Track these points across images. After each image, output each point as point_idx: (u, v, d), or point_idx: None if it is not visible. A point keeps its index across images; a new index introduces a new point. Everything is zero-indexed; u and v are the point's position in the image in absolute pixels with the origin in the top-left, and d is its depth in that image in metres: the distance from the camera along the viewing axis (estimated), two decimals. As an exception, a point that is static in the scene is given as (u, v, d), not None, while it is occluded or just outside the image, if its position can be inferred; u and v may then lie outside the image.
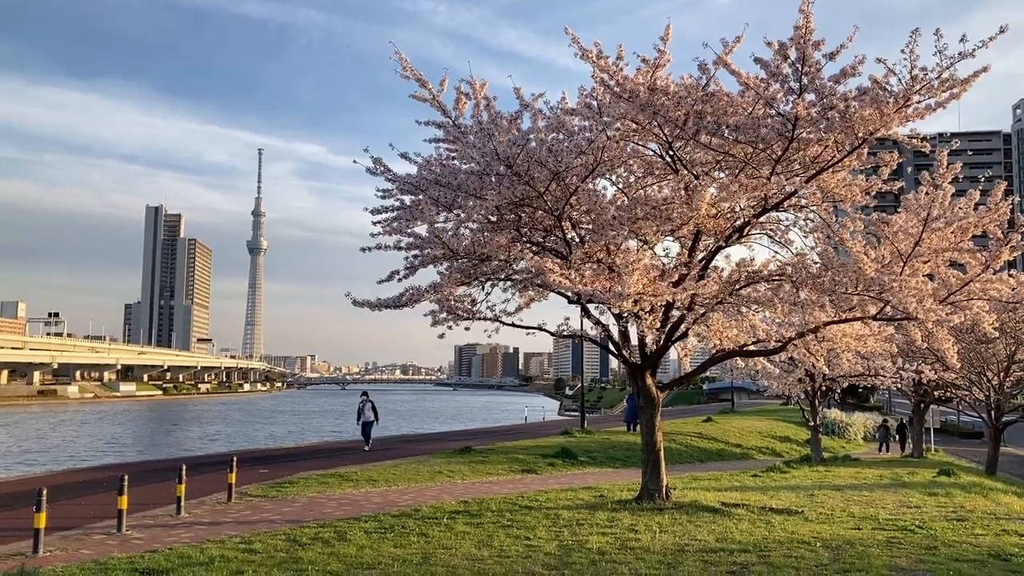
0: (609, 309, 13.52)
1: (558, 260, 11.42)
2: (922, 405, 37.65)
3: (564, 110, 11.53)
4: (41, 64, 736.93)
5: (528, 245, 11.90)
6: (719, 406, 75.67)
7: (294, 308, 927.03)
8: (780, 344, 14.25)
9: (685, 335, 13.43)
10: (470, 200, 11.14)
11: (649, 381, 13.88)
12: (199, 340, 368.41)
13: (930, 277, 13.28)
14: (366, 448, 25.93)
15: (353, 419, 30.53)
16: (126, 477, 11.67)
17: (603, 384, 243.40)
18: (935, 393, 35.82)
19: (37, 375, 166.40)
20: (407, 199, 13.00)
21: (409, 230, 12.03)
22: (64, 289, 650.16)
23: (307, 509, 13.88)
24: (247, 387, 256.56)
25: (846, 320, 13.59)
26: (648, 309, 11.23)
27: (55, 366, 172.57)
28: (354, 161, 12.19)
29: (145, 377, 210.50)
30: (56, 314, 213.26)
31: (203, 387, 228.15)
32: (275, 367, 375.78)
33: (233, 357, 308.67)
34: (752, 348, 14.50)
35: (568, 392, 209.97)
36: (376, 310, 12.07)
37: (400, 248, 12.05)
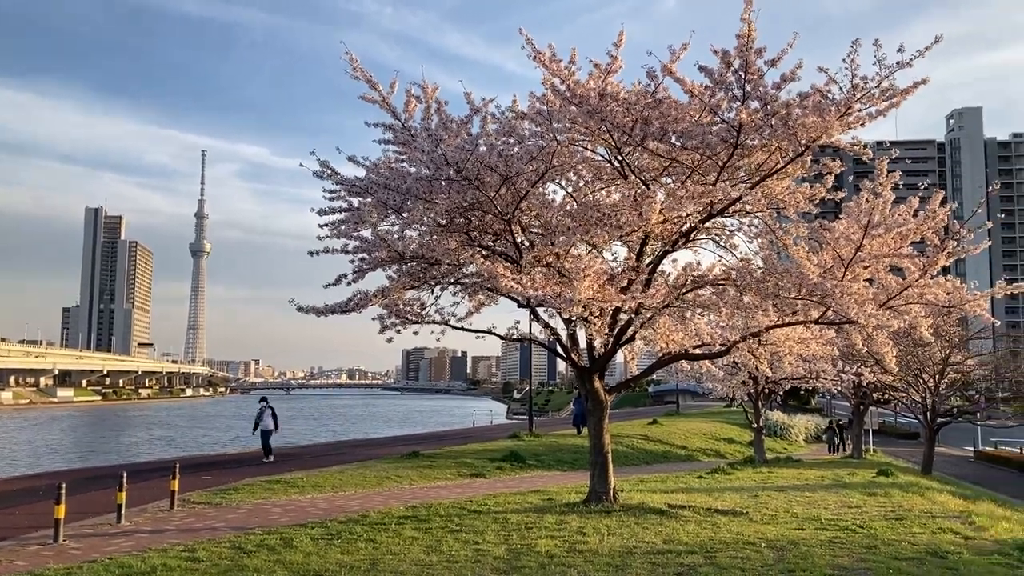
0: (559, 313, 13.60)
1: (508, 264, 11.43)
2: (861, 407, 38.48)
3: (515, 114, 11.56)
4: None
5: (478, 249, 11.89)
6: (665, 408, 76.41)
7: (238, 312, 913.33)
8: (725, 347, 14.44)
9: (632, 339, 13.55)
10: (419, 204, 11.09)
11: (597, 384, 13.97)
12: (140, 344, 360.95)
13: (870, 282, 13.58)
14: (267, 459, 23.26)
15: (298, 424, 29.69)
16: (63, 485, 11.36)
17: (551, 387, 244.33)
18: (874, 395, 36.66)
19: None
20: (355, 201, 12.91)
21: (356, 233, 11.92)
22: (0, 291, 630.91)
23: (252, 516, 13.67)
24: (189, 392, 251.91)
25: (789, 324, 13.83)
26: (597, 313, 11.30)
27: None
28: (300, 165, 12.08)
29: (84, 383, 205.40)
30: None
31: (144, 392, 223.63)
32: (218, 372, 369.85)
33: (175, 362, 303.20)
34: (697, 351, 14.67)
35: (516, 395, 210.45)
36: (322, 316, 11.96)
37: (347, 252, 11.94)
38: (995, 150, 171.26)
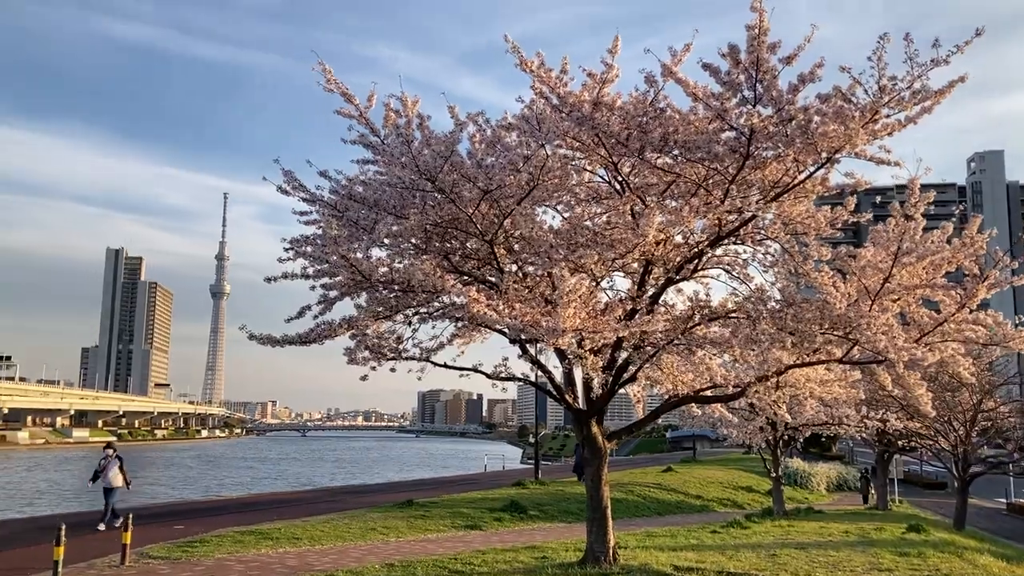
0: (554, 349, 12.21)
1: (486, 290, 10.07)
2: (885, 455, 36.58)
3: (501, 125, 10.30)
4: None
5: (455, 275, 10.55)
6: (682, 455, 74.26)
7: (255, 353, 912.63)
8: (739, 389, 13.00)
9: (634, 379, 12.12)
10: (389, 218, 9.77)
11: (595, 429, 12.53)
12: (157, 385, 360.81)
13: (901, 317, 12.14)
14: (107, 525, 17.50)
15: (301, 467, 27.61)
16: (120, 521, 9.98)
17: (567, 432, 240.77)
18: (899, 443, 34.77)
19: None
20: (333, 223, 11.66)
21: (321, 256, 10.57)
22: (18, 332, 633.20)
23: (209, 573, 12.26)
24: (205, 433, 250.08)
25: (810, 363, 12.40)
26: (595, 349, 9.93)
27: (5, 411, 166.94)
28: (263, 178, 10.83)
29: (100, 423, 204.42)
30: (8, 357, 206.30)
31: (159, 433, 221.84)
32: (235, 413, 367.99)
33: (192, 403, 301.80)
34: (708, 394, 13.22)
35: (532, 440, 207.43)
36: (278, 346, 10.62)
37: (307, 276, 10.63)
38: (1017, 193, 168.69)
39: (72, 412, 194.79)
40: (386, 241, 10.13)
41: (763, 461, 31.66)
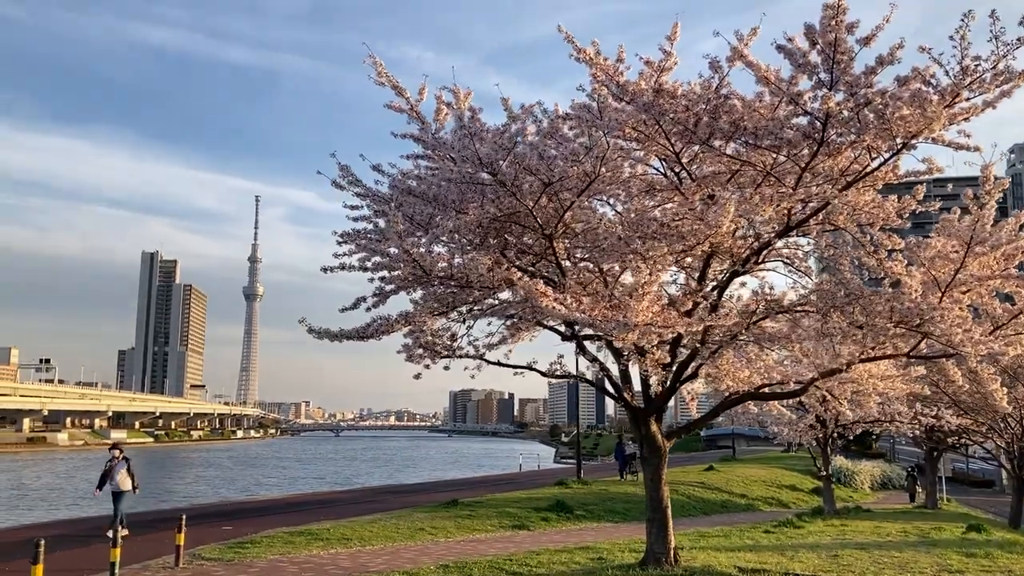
0: (608, 345, 11.92)
1: (550, 287, 9.80)
2: (935, 453, 35.83)
3: (558, 116, 10.01)
4: (27, 110, 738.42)
5: (515, 268, 10.27)
6: (719, 453, 73.51)
7: (288, 354, 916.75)
8: (800, 386, 12.64)
9: (695, 376, 11.78)
10: (450, 213, 9.53)
11: (654, 428, 12.21)
12: (192, 386, 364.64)
13: (972, 310, 11.68)
14: (115, 531, 13.76)
15: (332, 465, 26.98)
16: (42, 542, 9.89)
17: (599, 431, 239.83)
18: (948, 440, 34.00)
19: (27, 422, 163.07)
20: (381, 222, 11.47)
21: (378, 247, 10.35)
22: (57, 335, 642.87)
23: (263, 575, 12.12)
24: (240, 434, 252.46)
25: (875, 359, 12.00)
26: (655, 343, 9.61)
27: (45, 413, 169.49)
28: (318, 172, 10.66)
29: (136, 424, 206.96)
30: (47, 360, 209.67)
31: (195, 434, 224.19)
32: (269, 413, 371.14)
33: (226, 403, 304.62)
34: (768, 391, 12.87)
35: (564, 439, 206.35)
36: (337, 341, 10.42)
37: (366, 268, 10.41)
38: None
39: (110, 413, 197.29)
40: (443, 238, 9.89)
41: (813, 460, 31.12)
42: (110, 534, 14.63)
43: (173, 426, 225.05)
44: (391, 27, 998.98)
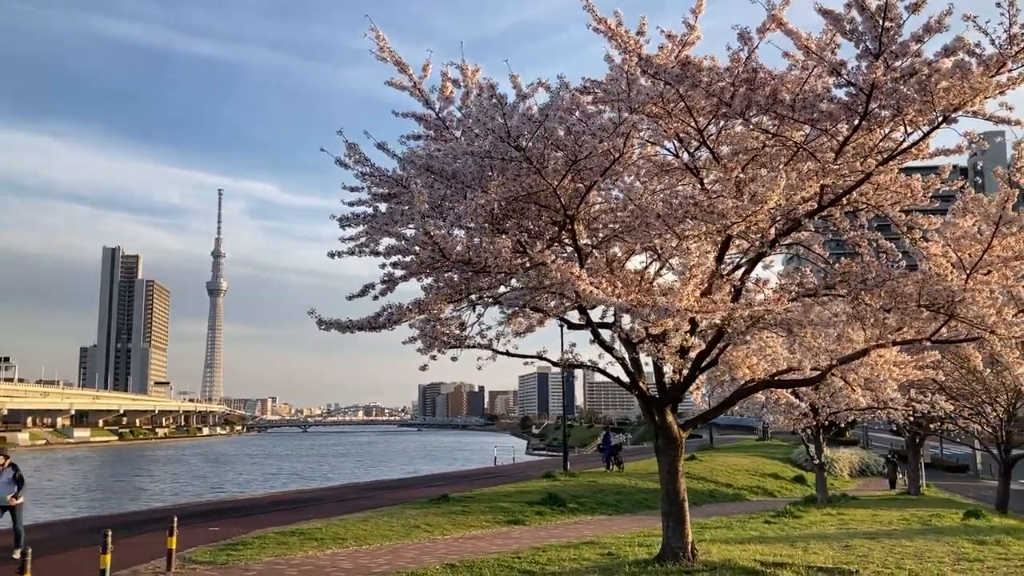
0: (619, 334, 11.44)
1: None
2: (917, 439, 35.91)
3: (579, 89, 9.45)
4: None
5: (547, 250, 9.68)
6: (695, 443, 73.53)
7: (253, 349, 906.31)
8: (819, 373, 12.26)
9: (715, 363, 11.33)
10: (474, 192, 8.93)
11: (670, 418, 11.75)
12: (156, 383, 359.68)
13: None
14: (16, 555, 12.72)
15: (305, 462, 25.93)
16: (29, 553, 9.19)
17: (569, 422, 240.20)
18: (930, 426, 34.05)
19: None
20: (382, 207, 10.86)
21: (389, 229, 9.75)
22: (16, 332, 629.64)
23: (262, 580, 11.51)
24: (206, 431, 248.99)
25: (899, 343, 11.67)
26: (686, 330, 9.13)
27: (4, 412, 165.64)
28: (321, 149, 10.05)
29: (100, 422, 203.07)
30: (7, 358, 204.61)
31: (160, 431, 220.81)
32: (235, 410, 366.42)
33: (192, 400, 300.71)
34: (787, 378, 12.49)
35: (535, 431, 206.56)
36: (347, 332, 9.80)
37: (377, 254, 9.81)
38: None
39: (73, 412, 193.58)
40: (465, 220, 9.30)
41: (791, 448, 30.99)
42: (16, 555, 12.69)
43: (138, 424, 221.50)
44: (353, 20, 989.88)
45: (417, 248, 9.06)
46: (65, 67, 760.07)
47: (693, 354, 11.01)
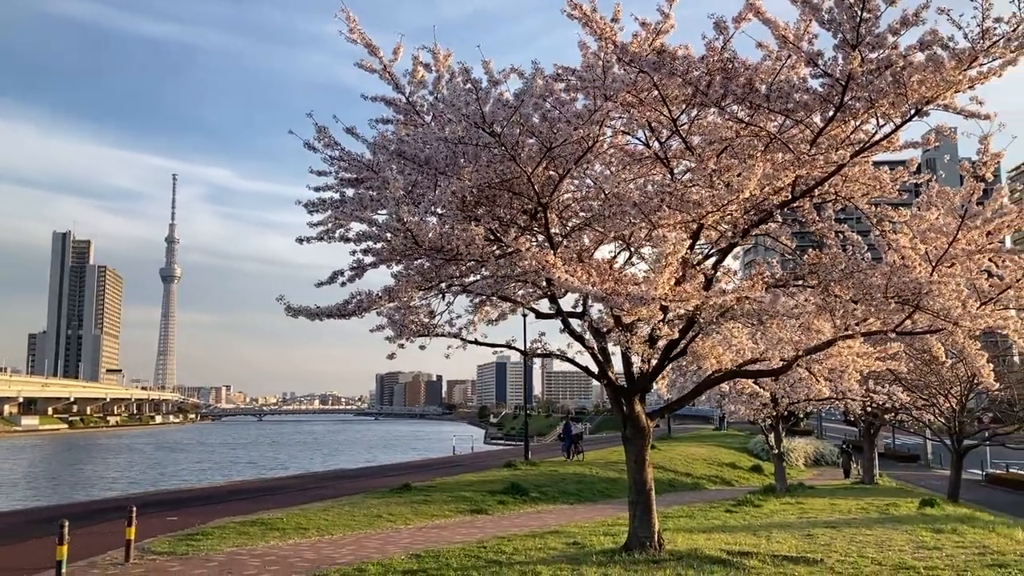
0: (590, 325, 11.41)
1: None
2: (871, 429, 36.54)
3: (553, 77, 9.35)
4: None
5: (496, 243, 9.61)
6: (653, 432, 74.07)
7: (208, 337, 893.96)
8: (785, 363, 12.35)
9: (684, 352, 11.34)
10: (448, 178, 8.79)
11: (638, 408, 11.77)
12: (108, 371, 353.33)
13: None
14: None
15: (260, 450, 25.18)
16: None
17: (528, 411, 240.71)
18: (885, 416, 34.69)
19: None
20: (349, 192, 10.68)
21: (359, 215, 9.57)
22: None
23: (225, 570, 11.29)
24: (159, 419, 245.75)
25: (864, 334, 11.76)
26: (659, 319, 9.11)
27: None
28: (290, 131, 9.84)
29: (50, 410, 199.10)
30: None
31: (112, 420, 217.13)
32: (189, 398, 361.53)
33: (144, 388, 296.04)
34: (753, 368, 12.56)
35: (493, 420, 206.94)
36: (315, 319, 9.63)
37: (348, 240, 9.65)
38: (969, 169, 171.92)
39: (21, 399, 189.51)
40: (436, 208, 9.16)
41: (747, 437, 31.31)
42: None
43: (88, 412, 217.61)
44: (307, 3, 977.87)
45: (389, 235, 8.90)
46: (6, 44, 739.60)
47: (662, 343, 11.00)
